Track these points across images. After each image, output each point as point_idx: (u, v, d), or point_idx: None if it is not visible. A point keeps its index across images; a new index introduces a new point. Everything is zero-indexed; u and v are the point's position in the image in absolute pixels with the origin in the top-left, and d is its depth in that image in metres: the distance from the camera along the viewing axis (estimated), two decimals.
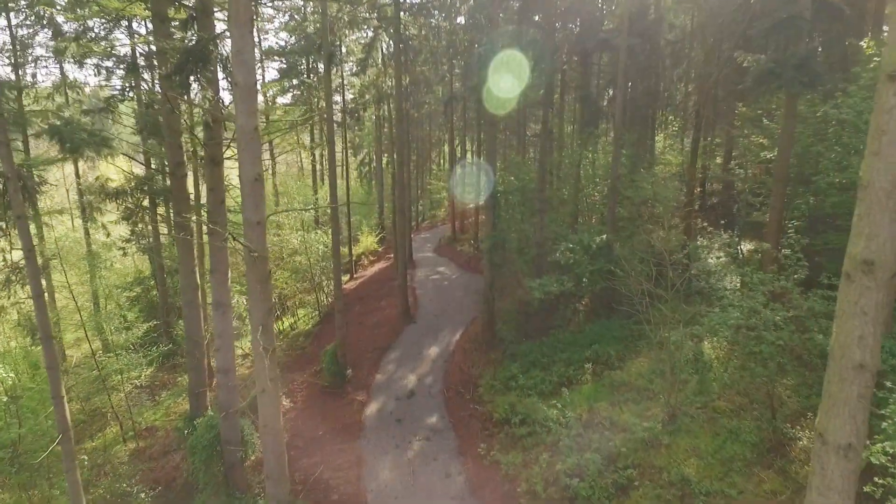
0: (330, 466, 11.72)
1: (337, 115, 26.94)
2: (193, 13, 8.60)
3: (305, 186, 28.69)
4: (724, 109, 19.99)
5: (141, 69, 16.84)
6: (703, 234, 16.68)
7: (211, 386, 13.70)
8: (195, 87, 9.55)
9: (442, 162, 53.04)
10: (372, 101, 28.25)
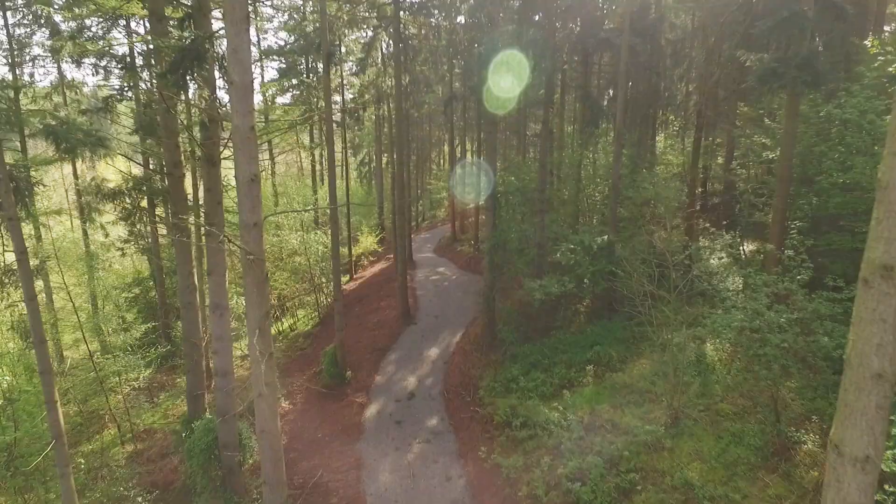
0: (329, 469, 11.61)
1: (336, 114, 26.82)
2: (190, 11, 8.49)
3: (305, 186, 28.56)
4: (725, 109, 19.89)
5: (139, 69, 16.74)
6: (705, 234, 16.58)
7: (209, 388, 13.59)
8: (192, 86, 9.44)
9: (442, 162, 52.97)
10: (371, 100, 28.12)
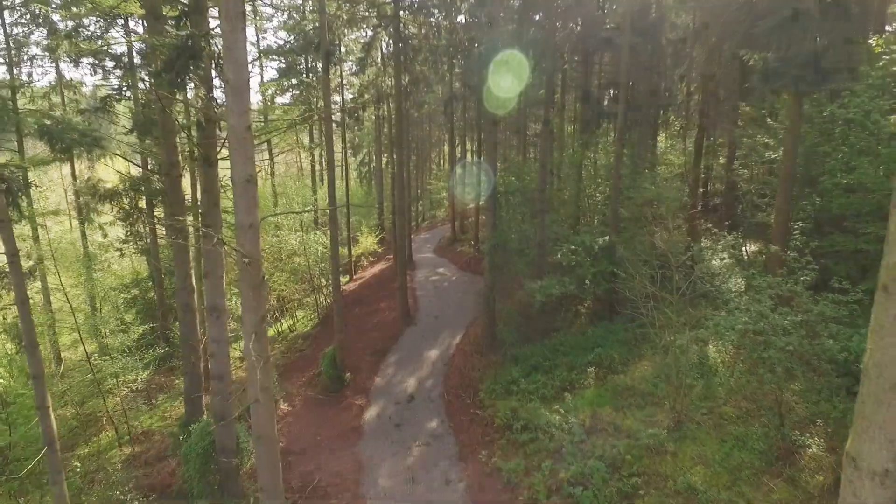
0: (328, 472, 11.50)
1: (336, 114, 26.69)
2: (186, 9, 8.39)
3: (304, 187, 28.44)
4: (726, 109, 19.78)
5: (138, 68, 16.66)
6: (707, 235, 16.46)
7: (207, 390, 13.49)
8: (189, 85, 9.34)
9: (442, 162, 52.90)
10: (371, 100, 28.00)
